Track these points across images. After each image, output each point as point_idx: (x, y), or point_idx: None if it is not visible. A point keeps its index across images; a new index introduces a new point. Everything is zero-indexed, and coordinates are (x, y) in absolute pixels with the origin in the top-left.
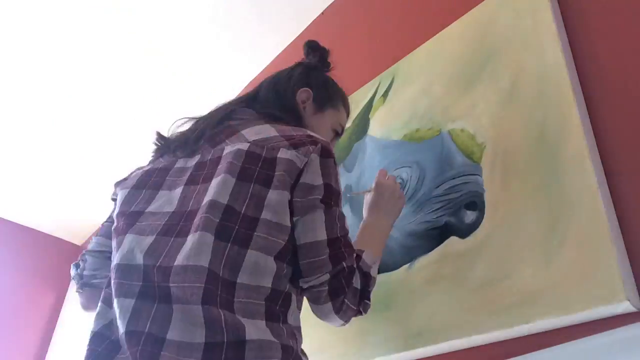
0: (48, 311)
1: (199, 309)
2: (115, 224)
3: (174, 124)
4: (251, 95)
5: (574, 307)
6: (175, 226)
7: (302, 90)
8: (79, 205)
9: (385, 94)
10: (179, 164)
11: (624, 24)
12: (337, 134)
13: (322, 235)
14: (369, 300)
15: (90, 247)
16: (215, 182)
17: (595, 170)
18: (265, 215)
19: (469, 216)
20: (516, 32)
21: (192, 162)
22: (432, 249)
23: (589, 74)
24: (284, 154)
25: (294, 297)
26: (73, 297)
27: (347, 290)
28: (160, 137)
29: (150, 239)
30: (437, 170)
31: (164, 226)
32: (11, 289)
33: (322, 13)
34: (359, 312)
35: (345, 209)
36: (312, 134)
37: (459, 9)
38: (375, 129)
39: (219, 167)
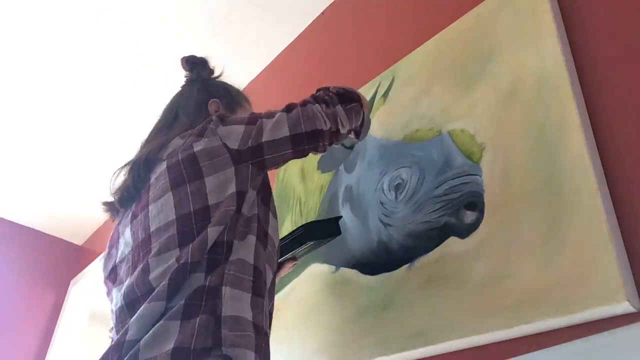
0: (48, 311)
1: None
2: (106, 290)
3: (111, 180)
4: (166, 122)
5: (574, 307)
6: (138, 261)
7: (210, 102)
8: (79, 205)
9: (385, 94)
10: (127, 212)
11: (624, 24)
12: None
13: (282, 115)
14: (346, 87)
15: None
16: (154, 206)
17: (595, 171)
18: (211, 200)
19: (469, 216)
20: (516, 33)
21: (134, 204)
22: (432, 249)
23: (589, 74)
24: (198, 146)
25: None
26: (73, 297)
27: (323, 93)
28: (105, 204)
29: (126, 283)
30: (437, 171)
31: (132, 266)
32: (11, 289)
33: (322, 13)
34: (339, 95)
35: (345, 209)
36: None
37: (459, 9)
38: (376, 129)
39: (150, 193)
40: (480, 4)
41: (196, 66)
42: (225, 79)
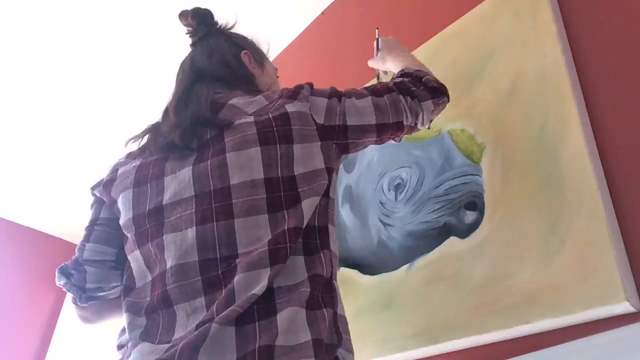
0: (48, 311)
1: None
2: (135, 229)
3: (128, 141)
4: (198, 78)
5: (574, 307)
6: (209, 210)
7: (243, 53)
8: (79, 205)
9: None
10: (175, 154)
11: (624, 24)
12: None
13: (367, 102)
14: (427, 76)
15: (85, 255)
16: (235, 157)
17: (595, 170)
18: (298, 170)
19: (469, 216)
20: (516, 33)
21: (193, 144)
22: (432, 249)
23: (589, 74)
24: (291, 107)
25: (330, 227)
26: None
27: (411, 84)
28: (145, 132)
29: (192, 232)
30: (437, 171)
31: (197, 214)
32: (11, 288)
33: (322, 13)
34: (433, 89)
35: (345, 209)
36: (290, 87)
37: (459, 9)
38: None
39: (225, 140)
40: (480, 4)
41: (204, 19)
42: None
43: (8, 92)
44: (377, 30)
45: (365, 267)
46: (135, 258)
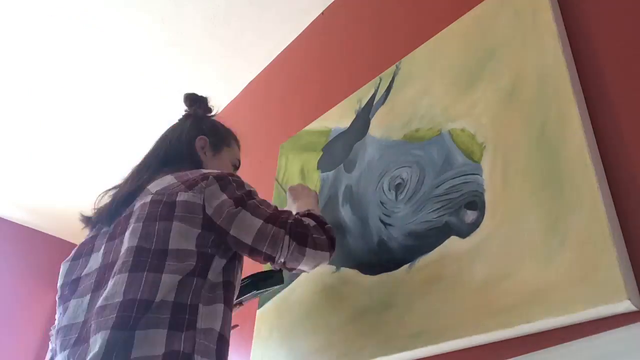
0: (48, 311)
1: (107, 333)
2: (59, 293)
3: (98, 197)
4: (156, 152)
5: (575, 306)
6: (102, 280)
7: (198, 138)
8: (79, 205)
9: (385, 94)
10: (104, 229)
11: (624, 24)
12: (236, 167)
13: (257, 222)
14: (330, 226)
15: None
16: (127, 232)
17: (596, 170)
18: (172, 245)
19: (469, 216)
20: (516, 32)
21: (113, 225)
22: (433, 248)
23: (589, 74)
24: (181, 197)
25: (201, 306)
26: None
27: (307, 230)
28: (83, 217)
29: (87, 298)
30: (437, 170)
31: (95, 283)
32: (11, 288)
33: (322, 13)
34: (330, 239)
35: (345, 209)
36: (205, 171)
37: (459, 8)
38: (376, 128)
39: (131, 220)
40: (480, 3)
41: (195, 103)
42: (219, 118)
43: (8, 92)
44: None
45: (366, 266)
46: (56, 317)
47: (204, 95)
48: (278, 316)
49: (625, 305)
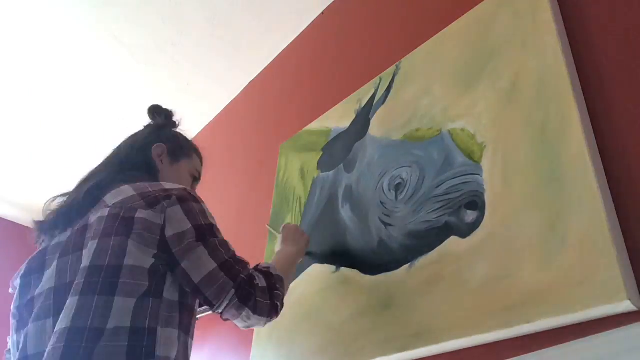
0: None
1: None
2: (17, 316)
3: (46, 203)
4: (112, 160)
5: (575, 306)
6: (62, 302)
7: (155, 145)
8: None
9: (385, 94)
10: (55, 240)
11: (624, 24)
12: (196, 179)
13: (211, 265)
14: (279, 292)
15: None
16: (84, 250)
17: (596, 170)
18: (128, 261)
19: (469, 216)
20: (516, 32)
21: (65, 236)
22: (433, 248)
23: (589, 74)
24: (141, 214)
25: (159, 330)
26: None
27: (254, 291)
28: (36, 223)
29: (50, 322)
30: (437, 170)
31: (54, 305)
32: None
33: (322, 13)
34: (274, 306)
35: (345, 209)
36: (167, 187)
37: (459, 9)
38: (376, 128)
39: (87, 235)
40: (480, 3)
41: (158, 115)
42: (182, 131)
43: (8, 92)
44: (267, 226)
45: (366, 266)
46: (13, 341)
47: (170, 109)
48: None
49: (625, 306)
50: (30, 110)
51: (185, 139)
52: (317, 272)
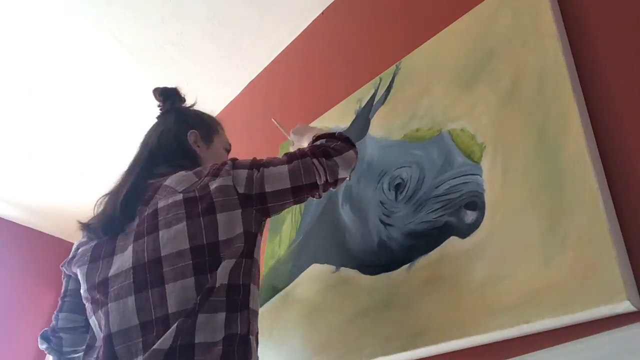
0: (48, 311)
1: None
2: (90, 299)
3: (95, 204)
4: (148, 156)
5: (574, 306)
6: (144, 281)
7: (189, 133)
8: (79, 205)
9: (385, 94)
10: (125, 229)
11: (624, 24)
12: (227, 151)
13: (284, 168)
14: (337, 132)
15: (60, 324)
16: (166, 233)
17: (595, 170)
18: (222, 236)
19: (469, 216)
20: (516, 32)
21: (134, 224)
22: (432, 249)
23: (589, 74)
24: (214, 184)
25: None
26: None
27: (324, 145)
28: (82, 226)
29: (132, 300)
30: (437, 170)
31: (134, 284)
32: (11, 289)
33: (322, 13)
34: (345, 140)
35: (345, 209)
36: (210, 165)
37: (458, 8)
38: (376, 128)
39: (159, 218)
40: (480, 3)
41: (169, 97)
42: (198, 106)
43: (8, 92)
44: (274, 121)
45: (366, 267)
46: (93, 323)
47: (173, 86)
48: (278, 316)
49: (624, 306)
50: (30, 110)
51: (207, 116)
52: (317, 272)
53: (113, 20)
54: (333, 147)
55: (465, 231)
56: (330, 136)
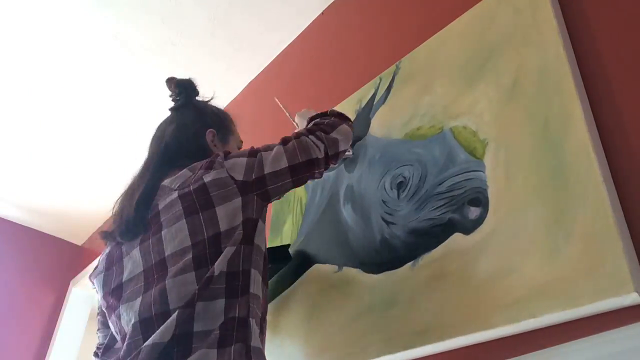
0: (48, 311)
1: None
2: (106, 304)
3: (113, 206)
4: (163, 152)
5: (582, 300)
6: (152, 281)
7: (207, 132)
8: (79, 205)
9: (386, 93)
10: (128, 233)
11: (625, 19)
12: (239, 149)
13: (280, 149)
14: (330, 110)
15: (99, 341)
16: (168, 233)
17: (600, 164)
18: (223, 227)
19: (473, 212)
20: (517, 29)
21: (139, 227)
22: (436, 246)
23: (591, 69)
24: (207, 177)
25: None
26: (73, 297)
27: (319, 123)
28: (104, 234)
29: (139, 300)
30: (440, 168)
31: (144, 286)
32: (11, 289)
33: (322, 13)
34: (338, 116)
35: (347, 209)
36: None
37: (459, 6)
38: (377, 128)
39: (161, 219)
40: (480, 2)
41: (185, 89)
42: (213, 101)
43: (8, 92)
44: (276, 100)
45: (369, 265)
46: (111, 326)
47: (188, 78)
48: (281, 316)
49: (632, 298)
50: (30, 110)
51: (223, 113)
52: (319, 272)
53: (113, 20)
54: (327, 122)
55: (469, 227)
56: (322, 115)
